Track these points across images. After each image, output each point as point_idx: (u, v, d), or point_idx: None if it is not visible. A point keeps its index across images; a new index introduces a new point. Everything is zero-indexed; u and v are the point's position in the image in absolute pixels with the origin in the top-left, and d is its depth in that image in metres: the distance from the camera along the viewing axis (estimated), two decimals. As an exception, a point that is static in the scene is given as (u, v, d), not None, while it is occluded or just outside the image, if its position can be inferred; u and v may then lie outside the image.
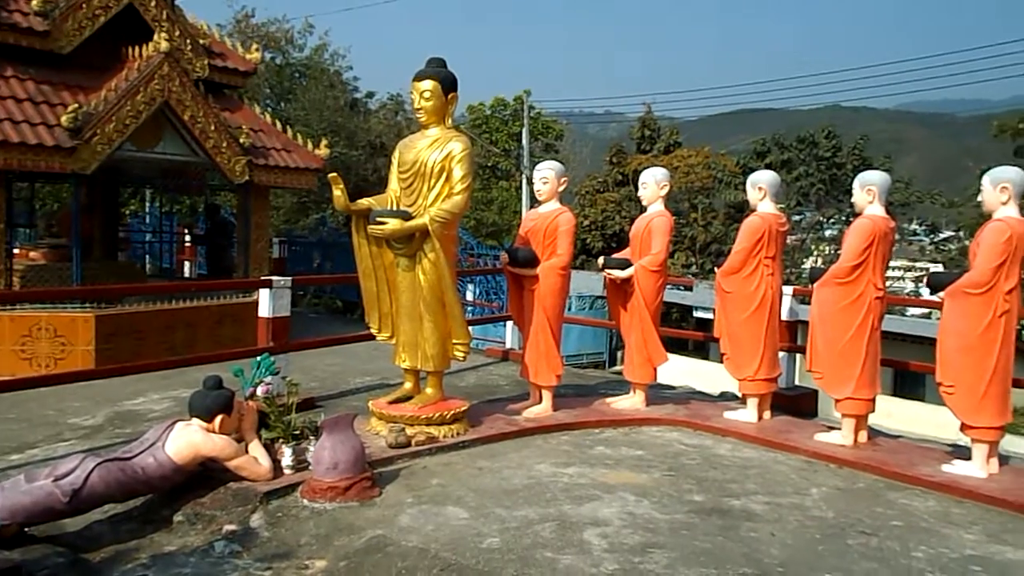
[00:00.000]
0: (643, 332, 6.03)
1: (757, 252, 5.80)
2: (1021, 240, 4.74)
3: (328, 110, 22.55)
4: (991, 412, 4.81)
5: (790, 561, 3.63)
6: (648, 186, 6.16)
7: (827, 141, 30.01)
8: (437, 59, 5.34)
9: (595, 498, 4.32)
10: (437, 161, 5.07)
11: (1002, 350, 4.79)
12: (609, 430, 5.70)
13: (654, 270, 5.96)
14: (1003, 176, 4.84)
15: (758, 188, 5.93)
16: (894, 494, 4.62)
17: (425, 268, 5.07)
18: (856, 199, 5.49)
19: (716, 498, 4.41)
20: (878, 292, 5.35)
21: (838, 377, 5.36)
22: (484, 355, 8.70)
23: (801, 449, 5.30)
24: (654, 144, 29.39)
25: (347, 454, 4.13)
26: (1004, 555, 3.79)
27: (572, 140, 39.15)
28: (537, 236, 5.81)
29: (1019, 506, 4.37)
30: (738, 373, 5.90)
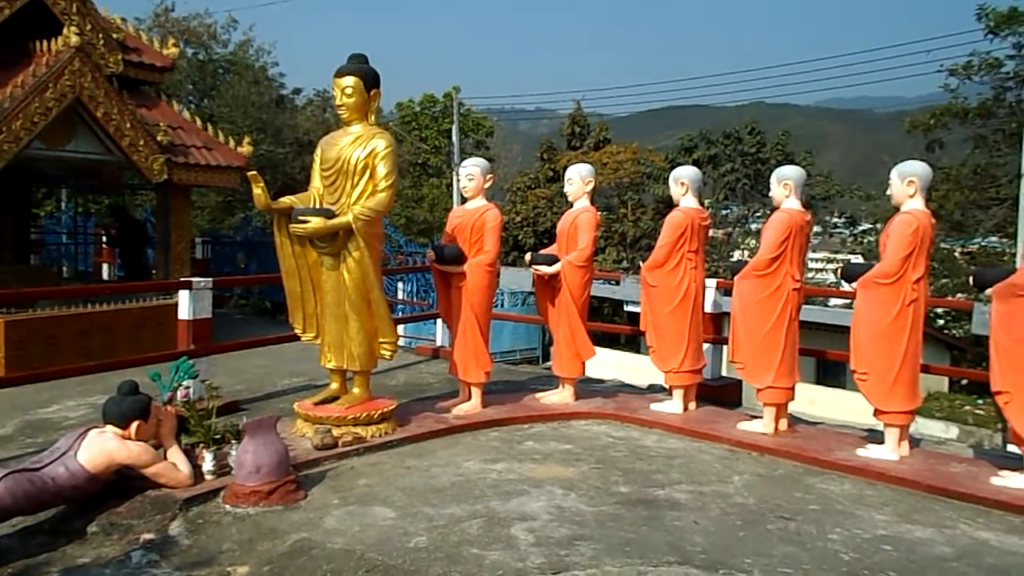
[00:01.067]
0: (571, 327, 6.08)
1: (680, 246, 5.90)
2: (927, 232, 4.94)
3: (253, 107, 22.09)
4: (902, 397, 5.01)
5: (712, 548, 3.71)
6: (573, 182, 6.21)
7: (751, 137, 30.75)
8: (359, 55, 5.27)
9: (523, 493, 4.34)
10: (360, 158, 5.01)
11: (911, 337, 4.98)
12: (538, 425, 5.74)
13: (580, 265, 6.02)
14: (910, 170, 5.04)
15: (680, 183, 6.04)
16: (812, 479, 4.77)
17: (350, 267, 5.01)
18: (774, 193, 5.64)
19: (642, 489, 4.48)
20: (796, 284, 5.51)
21: (759, 367, 5.50)
22: (414, 353, 8.65)
23: (724, 438, 5.42)
24: (584, 140, 29.65)
25: (270, 457, 4.05)
26: (913, 534, 3.95)
27: (503, 137, 39.21)
28: (464, 233, 5.80)
29: (927, 487, 4.56)
30: (664, 365, 6.00)
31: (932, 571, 3.52)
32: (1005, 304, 4.52)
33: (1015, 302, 4.47)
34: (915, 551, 3.74)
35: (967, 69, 20.68)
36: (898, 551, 3.74)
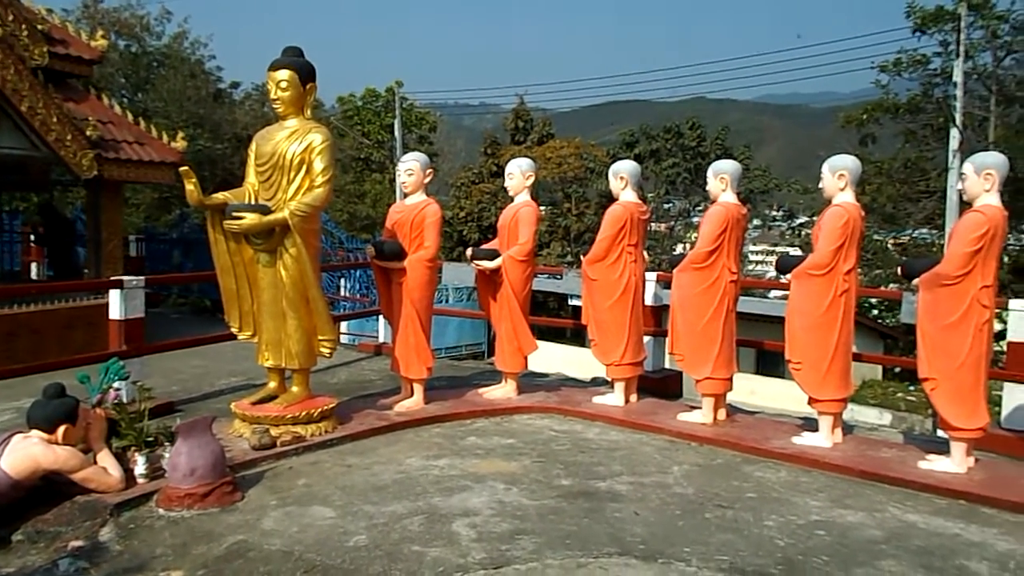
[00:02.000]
0: (513, 322, 6.09)
1: (620, 240, 5.94)
2: (857, 224, 5.07)
3: (189, 101, 21.56)
4: (834, 386, 5.13)
5: (651, 538, 3.75)
6: (514, 176, 6.21)
7: (692, 132, 31.24)
8: (294, 48, 5.18)
9: (465, 488, 4.33)
10: (297, 153, 4.93)
11: (843, 327, 5.11)
12: (481, 420, 5.73)
13: (522, 260, 6.02)
14: (840, 164, 5.16)
15: (620, 177, 6.08)
16: (749, 467, 4.86)
17: (287, 264, 4.92)
18: (710, 187, 5.72)
19: (583, 481, 4.51)
20: (732, 276, 5.60)
21: (697, 358, 5.59)
22: (357, 350, 8.56)
23: (665, 429, 5.49)
24: (528, 135, 29.74)
25: (205, 459, 3.96)
26: (845, 518, 4.06)
27: (447, 132, 39.07)
28: (403, 229, 5.75)
29: (859, 472, 4.69)
30: (605, 358, 6.05)
31: (862, 554, 3.62)
32: (931, 293, 4.66)
33: (940, 291, 4.62)
34: (847, 535, 3.84)
35: (897, 66, 21.31)
36: (831, 535, 3.83)
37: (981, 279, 4.56)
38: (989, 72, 20.78)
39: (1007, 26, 20.16)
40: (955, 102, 18.30)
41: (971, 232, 4.53)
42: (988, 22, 20.00)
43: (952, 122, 18.24)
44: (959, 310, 4.57)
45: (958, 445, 4.67)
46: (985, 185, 4.61)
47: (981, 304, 4.57)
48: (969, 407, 4.61)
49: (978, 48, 20.51)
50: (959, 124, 18.09)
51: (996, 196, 4.62)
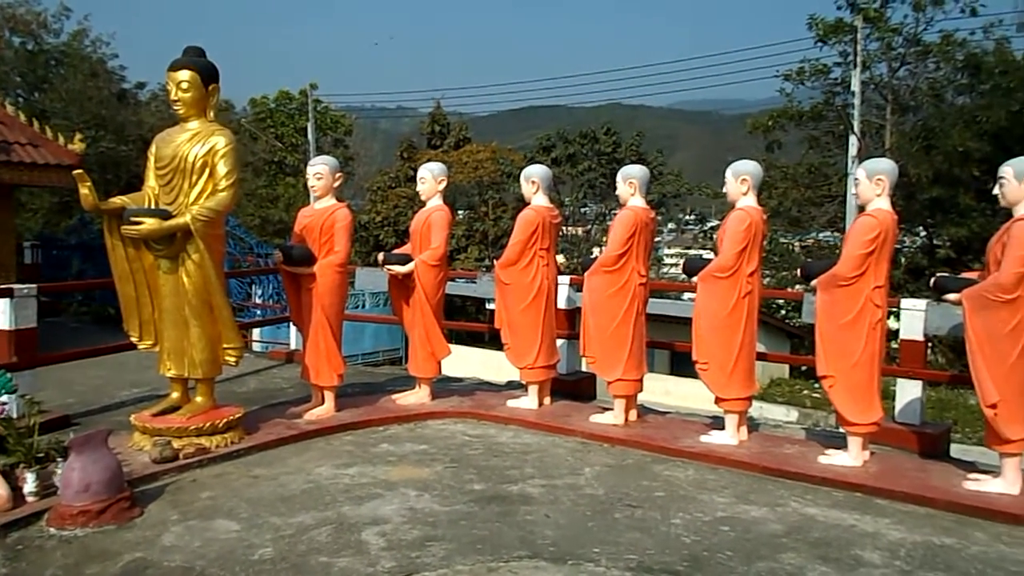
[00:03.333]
0: (426, 327, 6.05)
1: (532, 244, 5.98)
2: (759, 227, 5.24)
3: (91, 101, 20.66)
4: (739, 384, 5.28)
5: (562, 539, 3.78)
6: (426, 181, 6.17)
7: (607, 137, 31.72)
8: (195, 48, 5.03)
9: (376, 496, 4.27)
10: (199, 156, 4.79)
11: (747, 328, 5.26)
12: (394, 426, 5.67)
13: (434, 264, 5.99)
14: (742, 169, 5.31)
15: (531, 182, 6.12)
16: (659, 467, 4.95)
17: (189, 270, 4.77)
18: (620, 192, 5.81)
19: (496, 486, 4.51)
20: (642, 279, 5.70)
21: (609, 360, 5.67)
22: (268, 358, 8.36)
23: (577, 431, 5.55)
24: (444, 139, 29.65)
25: (100, 474, 3.79)
26: (749, 513, 4.17)
27: (362, 135, 38.59)
28: (313, 233, 5.65)
29: (763, 468, 4.84)
30: (518, 362, 6.07)
31: (764, 548, 3.73)
32: (828, 294, 4.85)
33: (836, 292, 4.81)
34: (750, 530, 3.95)
35: (800, 75, 22.16)
36: (735, 531, 3.94)
37: (874, 280, 4.77)
38: (885, 82, 21.83)
39: (901, 38, 21.23)
40: (853, 110, 19.15)
41: (864, 235, 4.73)
42: (883, 35, 21.00)
43: (850, 129, 19.07)
44: (854, 310, 4.77)
45: (854, 439, 4.86)
46: (876, 190, 4.81)
47: (874, 304, 4.78)
48: (864, 403, 4.81)
49: (874, 59, 21.53)
50: (857, 131, 18.93)
51: (887, 200, 4.83)
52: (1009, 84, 17.56)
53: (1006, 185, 4.42)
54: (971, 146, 17.48)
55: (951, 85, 20.62)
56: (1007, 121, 17.33)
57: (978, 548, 3.77)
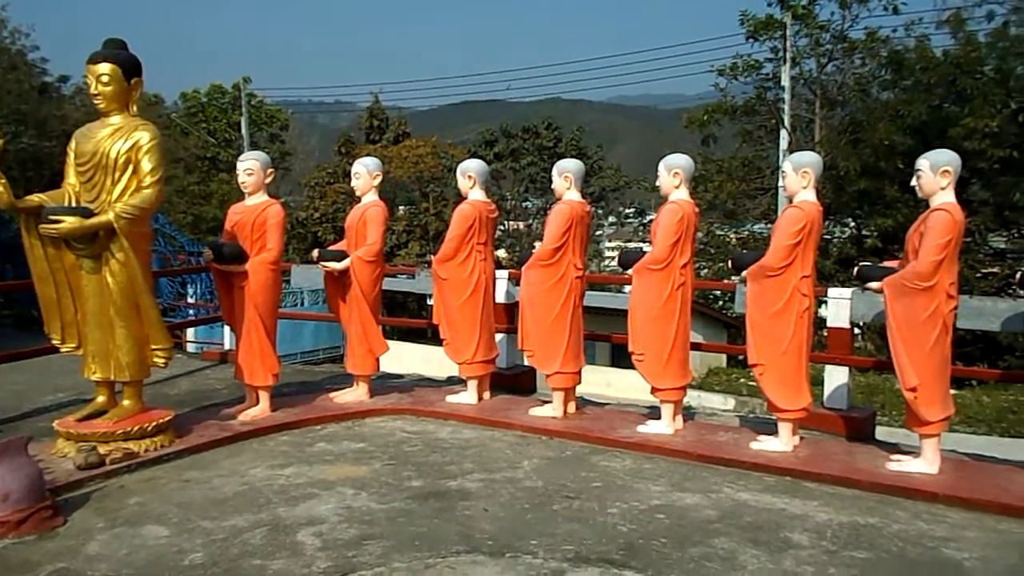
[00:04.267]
0: (363, 323, 5.99)
1: (469, 239, 5.97)
2: (691, 220, 5.32)
3: (10, 95, 19.85)
4: (674, 374, 5.37)
5: (500, 533, 3.79)
6: (361, 176, 6.11)
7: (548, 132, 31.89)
8: (116, 40, 4.87)
9: (312, 497, 4.22)
10: (122, 152, 4.64)
11: (680, 319, 5.35)
12: (331, 425, 5.61)
13: (370, 260, 5.94)
14: (675, 163, 5.39)
15: (468, 176, 6.11)
16: (597, 458, 5.00)
17: (114, 270, 4.63)
18: (555, 186, 5.84)
19: (434, 481, 4.50)
20: (579, 272, 5.75)
21: (547, 353, 5.70)
22: (201, 359, 8.18)
23: (516, 425, 5.57)
24: (383, 134, 29.38)
25: (19, 482, 3.66)
26: (683, 500, 4.25)
27: (299, 130, 38.03)
28: (244, 230, 5.54)
29: (697, 456, 4.93)
30: (457, 357, 6.06)
31: (698, 534, 3.80)
32: (757, 284, 4.96)
33: (765, 282, 4.92)
34: (684, 516, 4.03)
35: (733, 70, 22.59)
36: (670, 518, 4.00)
37: (801, 270, 4.90)
38: (814, 78, 22.42)
39: (828, 35, 21.81)
40: (784, 105, 19.59)
41: (791, 226, 4.85)
42: (812, 31, 21.57)
43: (781, 124, 19.52)
44: (782, 299, 4.89)
45: (784, 425, 4.99)
46: (802, 182, 4.94)
47: (802, 293, 4.91)
48: (793, 389, 4.94)
49: (804, 55, 22.09)
50: (788, 126, 19.39)
51: (813, 192, 4.96)
52: (929, 80, 18.20)
53: (923, 177, 4.58)
54: (895, 140, 18.06)
55: (876, 81, 21.26)
56: (928, 115, 17.97)
57: (899, 526, 3.91)
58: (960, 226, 4.46)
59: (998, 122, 17.02)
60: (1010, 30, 19.13)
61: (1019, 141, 17.34)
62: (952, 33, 19.86)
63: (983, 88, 17.36)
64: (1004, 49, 18.45)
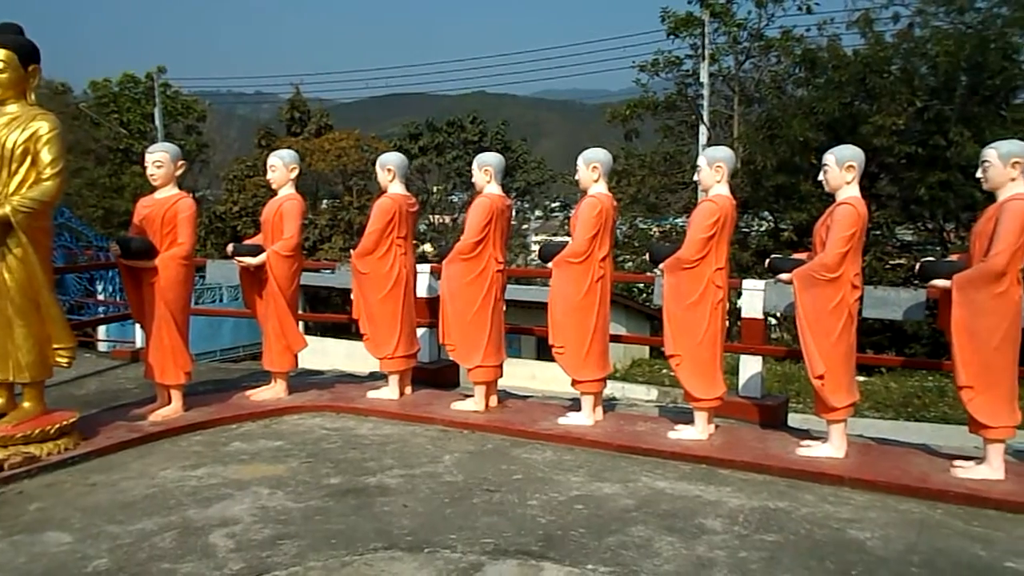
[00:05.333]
0: (280, 319, 5.87)
1: (389, 233, 5.90)
2: (610, 213, 5.38)
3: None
4: (594, 366, 5.42)
5: (419, 528, 3.77)
6: (277, 169, 5.98)
7: (473, 126, 31.87)
8: (11, 25, 4.64)
9: (226, 497, 4.12)
10: (19, 143, 4.44)
11: (600, 311, 5.41)
12: (248, 424, 5.48)
13: (287, 255, 5.82)
14: (593, 157, 5.45)
15: (387, 169, 6.04)
16: (518, 450, 5.02)
17: (11, 266, 4.42)
18: (475, 179, 5.83)
19: (353, 478, 4.45)
20: (499, 266, 5.75)
21: (468, 347, 5.69)
22: (111, 358, 7.89)
23: (438, 419, 5.54)
24: (305, 126, 28.83)
25: (-93, 492, 3.46)
26: (602, 491, 4.30)
27: (218, 122, 37.01)
28: (154, 225, 5.36)
29: (617, 446, 5.00)
30: (378, 352, 6.00)
31: (615, 523, 3.86)
32: (674, 277, 5.05)
33: (681, 275, 5.02)
34: (603, 506, 4.08)
35: (654, 66, 22.99)
36: (588, 508, 4.05)
37: (715, 262, 5.01)
38: (732, 75, 23.00)
39: (745, 33, 22.40)
40: (703, 101, 20.03)
41: (705, 220, 4.96)
42: (729, 29, 22.11)
43: (701, 119, 19.95)
44: (697, 291, 4.99)
45: (700, 414, 5.10)
46: (716, 177, 5.05)
47: (716, 285, 5.02)
48: (708, 379, 5.06)
49: (722, 52, 22.64)
50: (707, 121, 19.83)
51: (726, 186, 5.08)
52: (841, 78, 18.85)
53: (829, 172, 4.73)
54: (809, 136, 18.66)
55: (791, 78, 21.95)
56: (839, 112, 18.61)
57: (807, 509, 4.04)
58: (864, 219, 4.64)
59: (904, 119, 17.76)
60: (914, 31, 20.00)
61: (923, 138, 18.15)
62: (861, 33, 20.64)
63: (890, 87, 18.09)
64: (909, 50, 19.27)
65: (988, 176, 4.37)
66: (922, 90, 18.27)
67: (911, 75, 18.67)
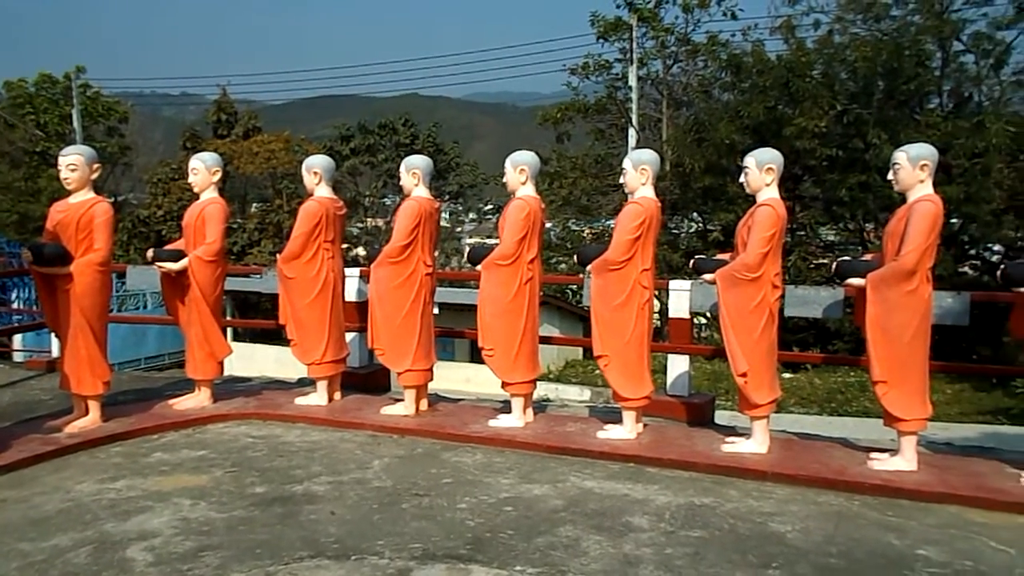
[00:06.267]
0: (203, 326, 5.72)
1: (316, 237, 5.82)
2: (537, 215, 5.41)
3: None
4: (524, 368, 5.44)
5: (346, 536, 3.72)
6: (198, 172, 5.83)
7: (405, 128, 31.66)
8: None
9: (145, 510, 3.99)
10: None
11: (529, 313, 5.43)
12: (170, 433, 5.33)
13: (210, 260, 5.67)
14: (520, 159, 5.47)
15: (313, 173, 5.95)
16: (448, 454, 5.00)
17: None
18: (403, 182, 5.79)
19: (279, 487, 4.36)
20: (428, 269, 5.72)
21: (397, 351, 5.65)
22: (25, 368, 7.57)
23: (367, 424, 5.49)
24: (232, 128, 28.20)
25: None
26: (531, 492, 4.32)
27: (142, 123, 35.94)
28: (68, 230, 5.16)
29: (546, 447, 5.02)
30: (305, 358, 5.90)
31: (544, 524, 3.87)
32: (601, 278, 5.11)
33: (608, 276, 5.08)
34: (532, 507, 4.09)
35: (584, 69, 23.22)
36: (517, 510, 4.06)
37: (641, 263, 5.08)
38: (660, 78, 23.39)
39: (673, 38, 22.81)
40: (632, 104, 20.32)
41: (631, 222, 5.03)
42: (658, 34, 22.49)
43: (629, 122, 20.23)
44: (624, 292, 5.06)
45: (628, 413, 5.17)
46: (641, 179, 5.12)
47: (642, 286, 5.09)
48: (636, 379, 5.12)
49: (651, 56, 23.01)
50: (636, 124, 20.12)
51: (651, 189, 5.16)
52: (765, 83, 19.36)
53: (750, 174, 4.86)
54: (736, 139, 19.11)
55: (717, 82, 22.44)
56: (764, 116, 19.12)
57: (732, 505, 4.13)
58: (783, 220, 4.77)
59: (826, 123, 18.35)
60: (834, 38, 20.68)
61: (844, 141, 18.78)
62: (784, 39, 21.26)
63: (812, 91, 18.66)
64: (829, 56, 19.92)
65: (899, 178, 4.54)
66: (842, 94, 18.90)
67: (832, 80, 19.29)
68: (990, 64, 19.83)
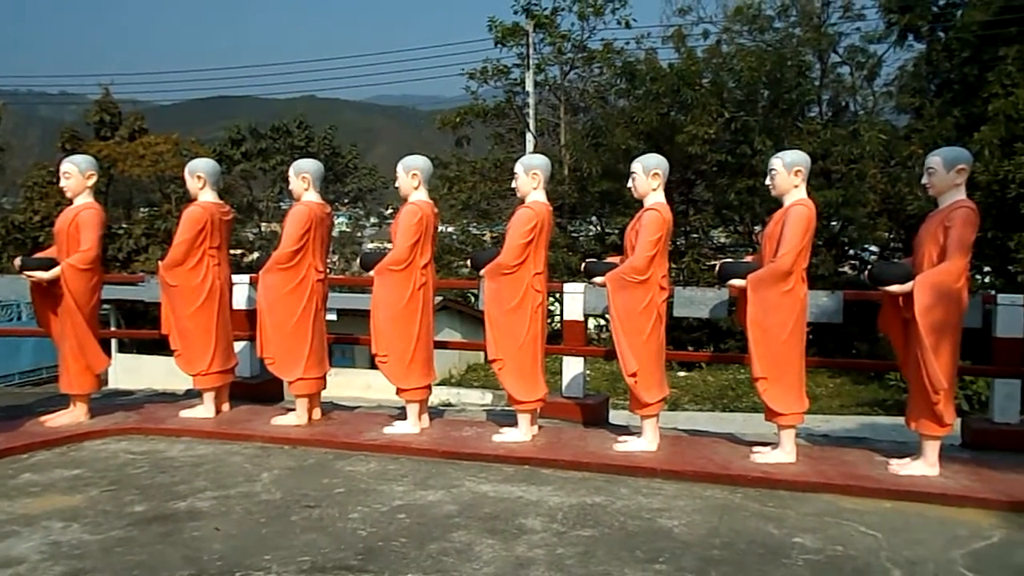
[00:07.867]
0: (79, 337, 5.43)
1: (201, 243, 5.63)
2: (430, 220, 5.38)
3: None
4: (418, 374, 5.40)
5: (231, 552, 3.59)
6: (72, 176, 5.54)
7: (300, 131, 31.03)
8: None
9: (11, 535, 3.74)
10: None
11: (423, 318, 5.40)
12: (41, 452, 5.02)
13: (85, 268, 5.39)
14: (413, 164, 5.44)
15: (197, 177, 5.75)
16: (341, 463, 4.90)
17: None
18: (293, 187, 5.67)
19: (161, 504, 4.18)
20: (319, 275, 5.61)
21: (288, 360, 5.51)
22: None
23: (256, 436, 5.33)
24: (116, 130, 26.89)
25: None
26: (426, 498, 4.28)
27: (16, 123, 33.90)
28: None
29: (441, 453, 5.00)
30: (191, 368, 5.69)
31: (438, 530, 3.84)
32: (495, 282, 5.13)
33: (502, 280, 5.10)
34: (425, 514, 4.06)
35: (483, 74, 23.32)
36: (411, 517, 4.01)
37: (534, 267, 5.13)
38: (558, 84, 23.71)
39: (569, 45, 23.18)
40: (530, 110, 20.53)
41: (523, 226, 5.07)
42: (555, 40, 22.79)
43: (527, 127, 20.43)
44: (517, 295, 5.09)
45: (523, 416, 5.20)
46: (533, 184, 5.17)
47: (535, 289, 5.14)
48: (530, 382, 5.17)
49: (548, 62, 23.30)
50: (533, 129, 20.34)
51: (543, 193, 5.22)
52: (658, 90, 19.91)
53: (637, 179, 4.98)
54: (631, 144, 19.56)
55: (613, 89, 22.93)
56: (657, 122, 19.66)
57: (622, 502, 4.21)
58: (669, 224, 4.91)
59: (715, 129, 19.02)
60: (722, 48, 21.47)
61: (732, 147, 19.50)
62: (675, 48, 21.91)
63: (702, 99, 19.31)
64: (717, 65, 20.66)
65: (775, 183, 4.75)
66: (730, 102, 19.63)
67: (720, 88, 20.01)
68: (864, 75, 21.02)
